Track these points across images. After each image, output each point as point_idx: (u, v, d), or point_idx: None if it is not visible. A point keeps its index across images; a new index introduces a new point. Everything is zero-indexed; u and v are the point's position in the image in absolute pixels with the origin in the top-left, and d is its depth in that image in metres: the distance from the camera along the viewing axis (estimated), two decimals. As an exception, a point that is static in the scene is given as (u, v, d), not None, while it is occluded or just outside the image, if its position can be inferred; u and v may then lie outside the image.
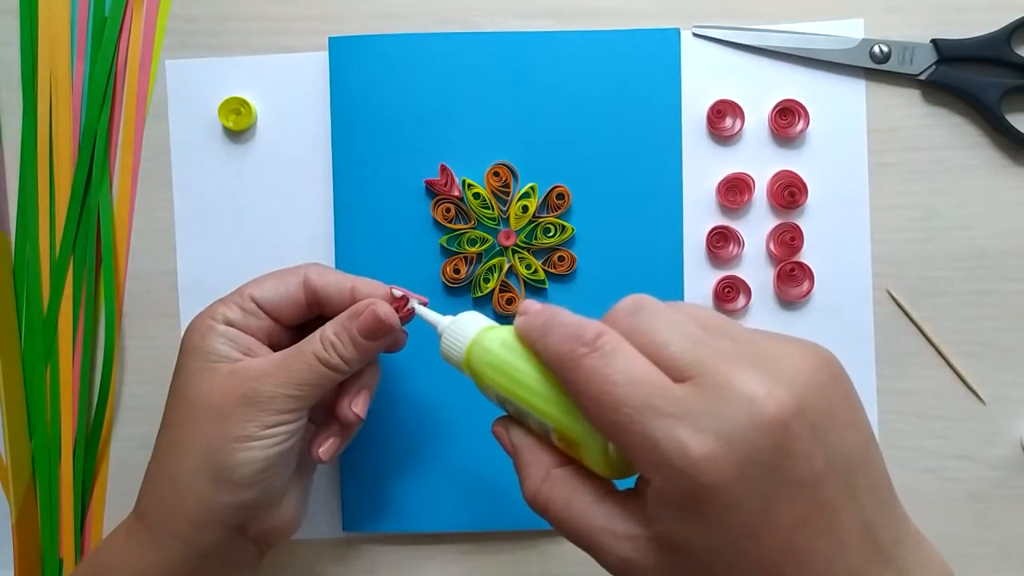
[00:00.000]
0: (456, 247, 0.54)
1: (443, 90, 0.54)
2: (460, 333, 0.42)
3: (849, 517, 0.33)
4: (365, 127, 0.54)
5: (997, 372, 0.54)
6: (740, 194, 0.54)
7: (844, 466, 0.33)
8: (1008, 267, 0.54)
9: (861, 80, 0.54)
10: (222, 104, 0.55)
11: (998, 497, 0.54)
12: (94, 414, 0.55)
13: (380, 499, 0.54)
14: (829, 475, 0.32)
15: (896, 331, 0.54)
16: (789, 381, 0.32)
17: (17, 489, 0.55)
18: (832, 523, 0.32)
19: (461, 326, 0.42)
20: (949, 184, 0.55)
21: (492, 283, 0.53)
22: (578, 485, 0.37)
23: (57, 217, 0.55)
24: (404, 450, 0.54)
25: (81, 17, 0.56)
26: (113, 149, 0.56)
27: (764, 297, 0.54)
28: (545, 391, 0.37)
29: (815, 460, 0.32)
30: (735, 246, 0.54)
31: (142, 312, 0.56)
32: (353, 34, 0.54)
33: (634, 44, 0.54)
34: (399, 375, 0.54)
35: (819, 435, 0.32)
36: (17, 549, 0.54)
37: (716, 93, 0.54)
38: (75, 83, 0.56)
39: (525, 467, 0.39)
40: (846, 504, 0.33)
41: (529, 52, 0.54)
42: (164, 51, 0.56)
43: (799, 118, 0.54)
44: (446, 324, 0.43)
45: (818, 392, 0.33)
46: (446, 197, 0.53)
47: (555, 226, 0.53)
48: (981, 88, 0.53)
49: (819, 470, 0.32)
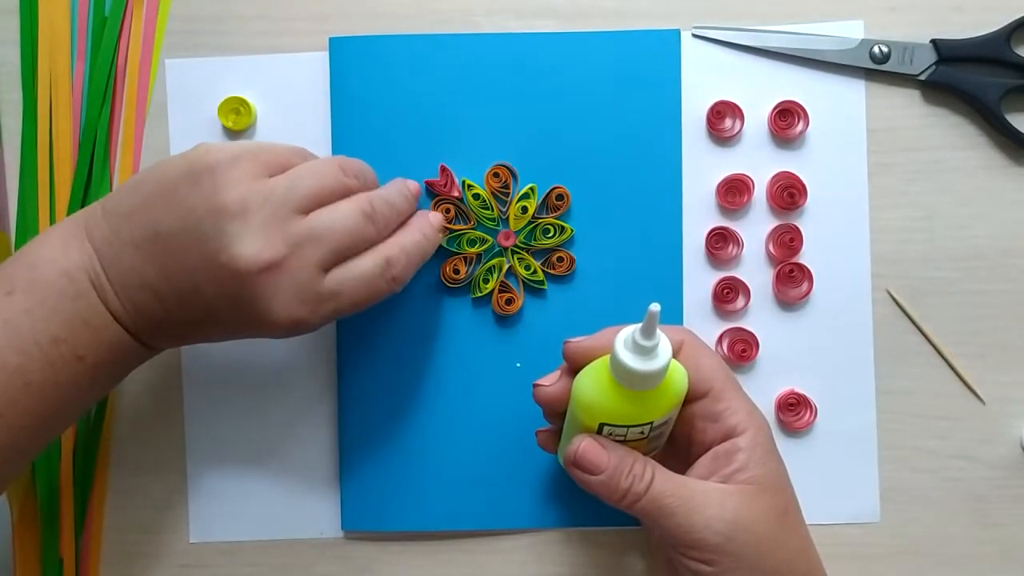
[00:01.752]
0: (455, 247, 0.54)
1: (443, 91, 0.54)
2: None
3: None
4: (365, 127, 0.54)
5: (997, 372, 0.54)
6: (739, 195, 0.54)
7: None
8: (1008, 267, 0.54)
9: (860, 81, 0.54)
10: (222, 104, 0.55)
11: (998, 497, 0.54)
12: (94, 414, 0.55)
13: (379, 498, 0.54)
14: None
15: (895, 331, 0.54)
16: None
17: (17, 489, 0.55)
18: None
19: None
20: (949, 184, 0.55)
21: (491, 283, 0.53)
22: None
23: (57, 217, 0.55)
24: (404, 450, 0.54)
25: (81, 17, 0.56)
26: (113, 149, 0.56)
27: (763, 298, 0.54)
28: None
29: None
30: (734, 247, 0.54)
31: (142, 312, 0.56)
32: (353, 34, 0.54)
33: (634, 45, 0.54)
34: (399, 374, 0.54)
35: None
36: (17, 549, 0.55)
37: (716, 94, 0.54)
38: (75, 83, 0.56)
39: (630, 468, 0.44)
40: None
41: (529, 53, 0.54)
42: (164, 51, 0.56)
43: (798, 119, 0.54)
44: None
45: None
46: (446, 197, 0.53)
47: (554, 227, 0.53)
48: (981, 88, 0.53)
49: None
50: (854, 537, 0.54)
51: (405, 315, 0.54)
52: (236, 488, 0.55)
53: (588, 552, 0.55)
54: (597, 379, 0.42)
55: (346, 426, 0.54)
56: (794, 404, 0.54)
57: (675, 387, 0.43)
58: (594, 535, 0.55)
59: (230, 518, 0.55)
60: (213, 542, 0.55)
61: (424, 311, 0.54)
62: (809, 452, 0.54)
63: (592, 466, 0.43)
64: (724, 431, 0.45)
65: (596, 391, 0.42)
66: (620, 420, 0.43)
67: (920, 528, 0.54)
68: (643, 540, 0.54)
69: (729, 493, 0.43)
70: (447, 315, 0.54)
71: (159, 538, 0.55)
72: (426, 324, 0.54)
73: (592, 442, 0.44)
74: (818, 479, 0.54)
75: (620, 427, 0.43)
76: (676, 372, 0.43)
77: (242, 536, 0.55)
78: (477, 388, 0.54)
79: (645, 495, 0.43)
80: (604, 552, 0.55)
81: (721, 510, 0.42)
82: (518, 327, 0.54)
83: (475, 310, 0.54)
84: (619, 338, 0.41)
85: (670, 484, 0.43)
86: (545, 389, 0.46)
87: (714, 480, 0.44)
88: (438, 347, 0.54)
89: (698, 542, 0.42)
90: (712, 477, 0.44)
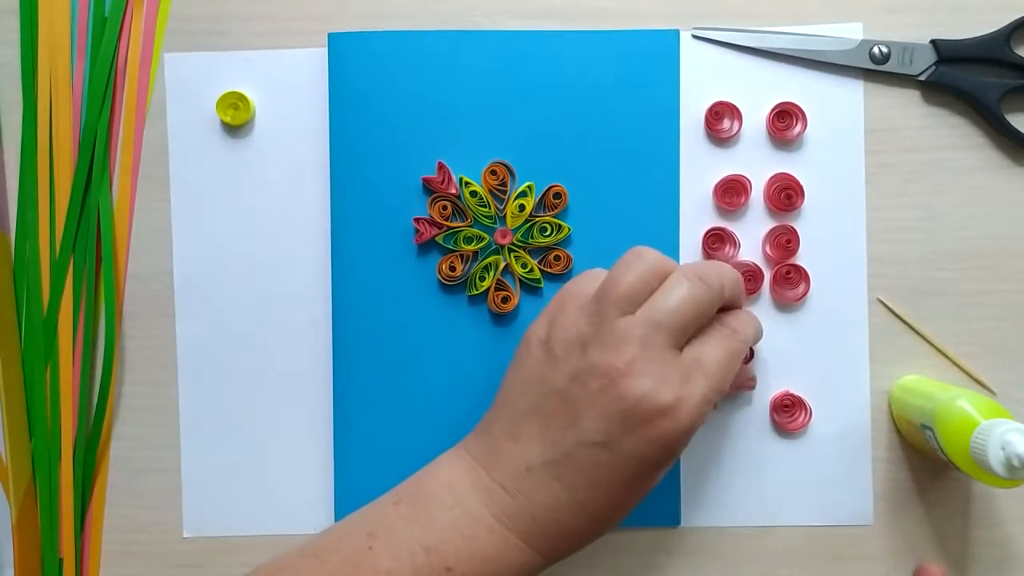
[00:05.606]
0: (452, 245, 0.54)
1: (442, 88, 0.54)
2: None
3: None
4: (363, 123, 0.54)
5: (997, 372, 0.54)
6: (737, 196, 0.54)
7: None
8: (1007, 267, 0.54)
9: (859, 82, 0.54)
10: (220, 99, 0.55)
11: (998, 497, 0.54)
12: (94, 414, 0.55)
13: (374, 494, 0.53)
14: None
15: (891, 332, 0.54)
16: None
17: (17, 489, 0.55)
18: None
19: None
20: (948, 184, 0.54)
21: (488, 281, 0.54)
22: None
23: (57, 217, 0.55)
24: (398, 446, 0.54)
25: (81, 17, 0.56)
26: (113, 149, 0.56)
27: (760, 299, 0.54)
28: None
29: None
30: (731, 248, 0.54)
31: (142, 312, 0.56)
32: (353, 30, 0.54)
33: (633, 45, 0.54)
34: (394, 370, 0.54)
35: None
36: (17, 549, 0.55)
37: (714, 95, 0.54)
38: (75, 83, 0.56)
39: None
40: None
41: (528, 51, 0.54)
42: (164, 51, 0.56)
43: (797, 121, 0.54)
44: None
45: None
46: (443, 195, 0.53)
47: (551, 225, 0.53)
48: (981, 88, 0.53)
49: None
50: (848, 538, 0.54)
51: (401, 312, 0.54)
52: (230, 483, 0.55)
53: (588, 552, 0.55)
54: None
55: (341, 422, 0.54)
56: (789, 406, 0.54)
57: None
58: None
59: (224, 513, 0.55)
60: (207, 537, 0.55)
61: (420, 308, 0.54)
62: (803, 454, 0.54)
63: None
64: None
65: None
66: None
67: (914, 529, 0.54)
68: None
69: None
70: (443, 313, 0.54)
71: (159, 537, 0.56)
72: (422, 321, 0.54)
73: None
74: (812, 480, 0.54)
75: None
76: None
77: (236, 531, 0.55)
78: (472, 386, 0.54)
79: None
80: (604, 551, 0.55)
81: None
82: (514, 325, 0.54)
83: (471, 308, 0.54)
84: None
85: None
86: None
87: None
88: (434, 344, 0.54)
89: None
90: None
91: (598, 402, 0.43)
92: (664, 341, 0.43)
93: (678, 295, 0.44)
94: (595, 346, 0.43)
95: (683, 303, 0.44)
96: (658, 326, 0.43)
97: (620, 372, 0.42)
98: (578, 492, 0.43)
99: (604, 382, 0.42)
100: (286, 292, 0.55)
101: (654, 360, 0.42)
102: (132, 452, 0.56)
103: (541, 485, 0.43)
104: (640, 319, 0.43)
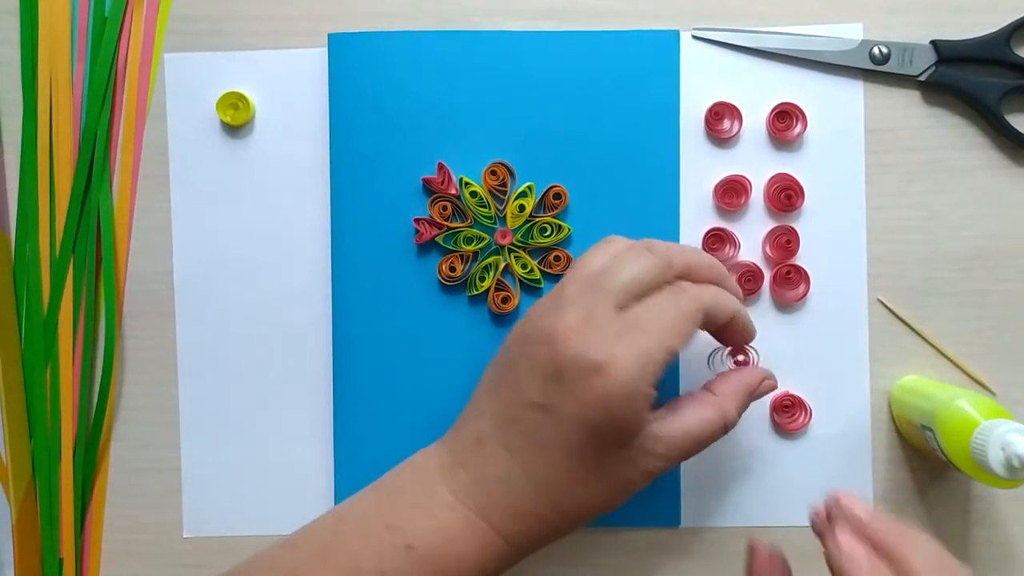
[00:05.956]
0: (452, 245, 0.54)
1: (442, 88, 0.54)
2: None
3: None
4: (363, 124, 0.54)
5: (997, 372, 0.54)
6: (737, 196, 0.54)
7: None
8: (1007, 267, 0.54)
9: (859, 82, 0.54)
10: (220, 98, 0.55)
11: (998, 497, 0.54)
12: (94, 414, 0.55)
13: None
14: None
15: (891, 333, 0.54)
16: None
17: (17, 489, 0.55)
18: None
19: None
20: (948, 184, 0.54)
21: (487, 282, 0.54)
22: None
23: (57, 217, 0.55)
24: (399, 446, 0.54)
25: (81, 17, 0.56)
26: (113, 149, 0.56)
27: (760, 299, 0.54)
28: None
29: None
30: (731, 248, 0.54)
31: (142, 312, 0.56)
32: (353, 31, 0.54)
33: (633, 45, 0.54)
34: (394, 371, 0.54)
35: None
36: (17, 549, 0.55)
37: (714, 95, 0.54)
38: (75, 83, 0.56)
39: None
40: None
41: (528, 52, 0.54)
42: (164, 51, 0.56)
43: (797, 121, 0.54)
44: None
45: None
46: (443, 195, 0.53)
47: (551, 226, 0.53)
48: (981, 88, 0.53)
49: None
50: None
51: (401, 312, 0.54)
52: (230, 483, 0.55)
53: (588, 552, 0.55)
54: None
55: (341, 422, 0.54)
56: (789, 406, 0.54)
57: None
58: (593, 534, 0.55)
59: (224, 513, 0.55)
60: (207, 537, 0.55)
61: (420, 309, 0.54)
62: (803, 454, 0.54)
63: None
64: None
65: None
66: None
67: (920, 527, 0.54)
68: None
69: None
70: (443, 313, 0.54)
71: (159, 537, 0.56)
72: (422, 322, 0.54)
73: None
74: (812, 481, 0.54)
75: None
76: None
77: (236, 531, 0.55)
78: (472, 386, 0.54)
79: None
80: (604, 551, 0.55)
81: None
82: (514, 326, 0.54)
83: (471, 308, 0.54)
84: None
85: None
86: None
87: None
88: (434, 344, 0.54)
89: None
90: None
91: (537, 364, 0.43)
92: (604, 302, 0.43)
93: (621, 260, 0.45)
94: (541, 312, 0.45)
95: (625, 266, 0.44)
96: (599, 288, 0.44)
97: (558, 332, 0.43)
98: (524, 458, 0.43)
99: (544, 345, 0.43)
100: (286, 292, 0.55)
101: (592, 322, 0.43)
102: (132, 452, 0.56)
103: (492, 456, 0.44)
104: (583, 283, 0.44)
